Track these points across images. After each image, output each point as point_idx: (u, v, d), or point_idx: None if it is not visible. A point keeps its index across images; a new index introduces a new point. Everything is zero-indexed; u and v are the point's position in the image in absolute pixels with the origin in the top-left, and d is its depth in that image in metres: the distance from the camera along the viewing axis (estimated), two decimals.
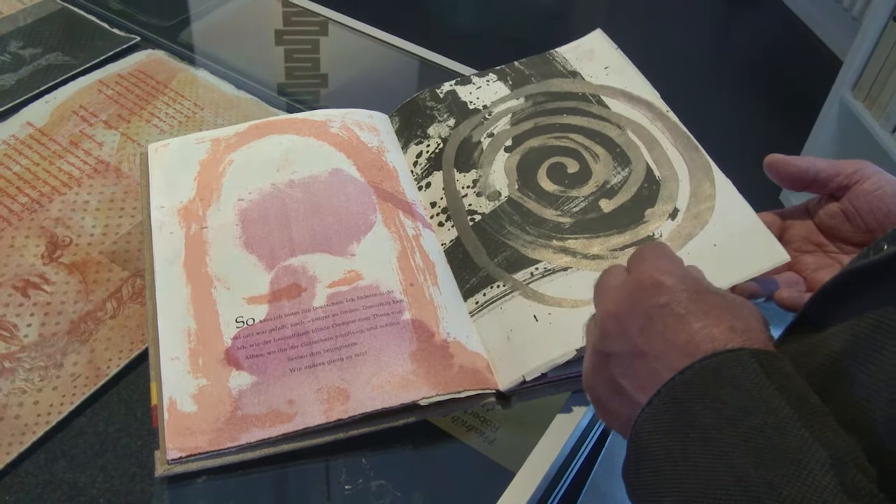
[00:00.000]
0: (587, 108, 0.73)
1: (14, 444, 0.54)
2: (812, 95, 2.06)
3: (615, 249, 0.61)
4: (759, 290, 0.57)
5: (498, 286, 0.60)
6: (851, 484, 0.32)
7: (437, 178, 0.69)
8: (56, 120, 0.80)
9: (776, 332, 0.45)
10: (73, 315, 0.62)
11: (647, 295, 0.42)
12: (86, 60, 0.88)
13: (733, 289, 0.57)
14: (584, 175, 0.67)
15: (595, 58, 0.78)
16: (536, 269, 0.61)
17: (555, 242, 0.62)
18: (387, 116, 0.77)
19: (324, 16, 1.01)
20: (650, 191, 0.65)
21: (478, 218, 0.65)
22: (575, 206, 0.64)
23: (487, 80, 0.77)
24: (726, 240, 0.60)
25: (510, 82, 0.77)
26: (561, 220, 0.64)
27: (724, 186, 0.64)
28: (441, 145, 0.71)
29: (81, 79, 0.85)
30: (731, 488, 0.34)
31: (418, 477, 0.56)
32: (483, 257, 0.62)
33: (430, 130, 0.73)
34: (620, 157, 0.68)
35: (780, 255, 0.58)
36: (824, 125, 1.89)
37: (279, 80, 0.94)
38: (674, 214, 0.63)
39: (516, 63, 0.79)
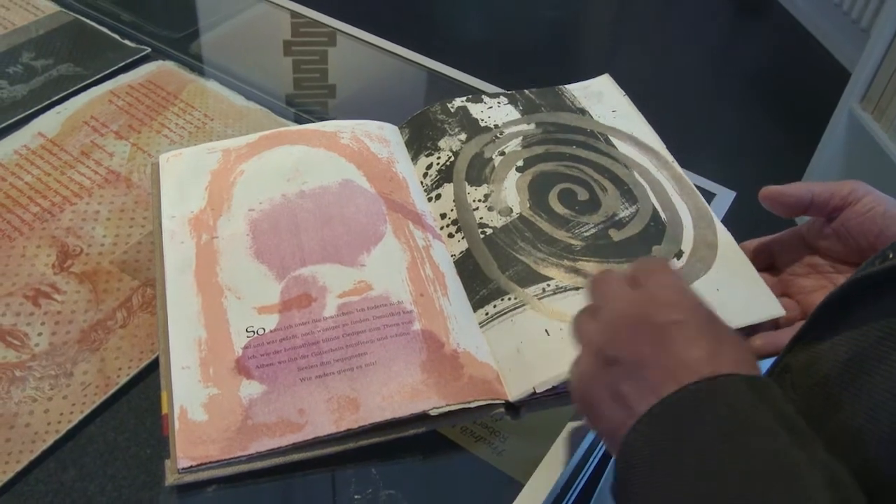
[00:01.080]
0: (595, 145, 0.73)
1: (24, 453, 0.55)
2: (820, 107, 2.06)
3: None
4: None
5: (509, 299, 0.60)
6: (844, 500, 0.33)
7: (447, 189, 0.69)
8: (67, 130, 0.80)
9: None
10: (83, 324, 0.63)
11: (665, 309, 0.42)
12: (97, 71, 0.88)
13: None
14: (594, 204, 0.67)
15: (603, 100, 0.79)
16: (549, 285, 0.61)
17: (566, 262, 0.62)
18: (396, 128, 0.77)
19: (332, 27, 1.02)
20: (656, 229, 0.66)
21: (489, 231, 0.65)
22: (586, 231, 0.65)
23: (498, 102, 0.78)
24: (727, 287, 0.61)
25: (521, 108, 0.77)
26: (572, 241, 0.64)
27: (725, 237, 0.65)
28: (452, 158, 0.72)
29: (93, 89, 0.86)
30: None
31: (427, 487, 0.56)
32: (494, 270, 0.63)
33: (441, 143, 0.73)
34: (628, 194, 0.68)
35: (776, 309, 0.59)
36: (832, 137, 1.89)
37: (287, 90, 0.95)
38: (679, 255, 0.64)
39: (526, 91, 0.80)
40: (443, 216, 0.68)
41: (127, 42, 0.93)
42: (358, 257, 0.63)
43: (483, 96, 0.79)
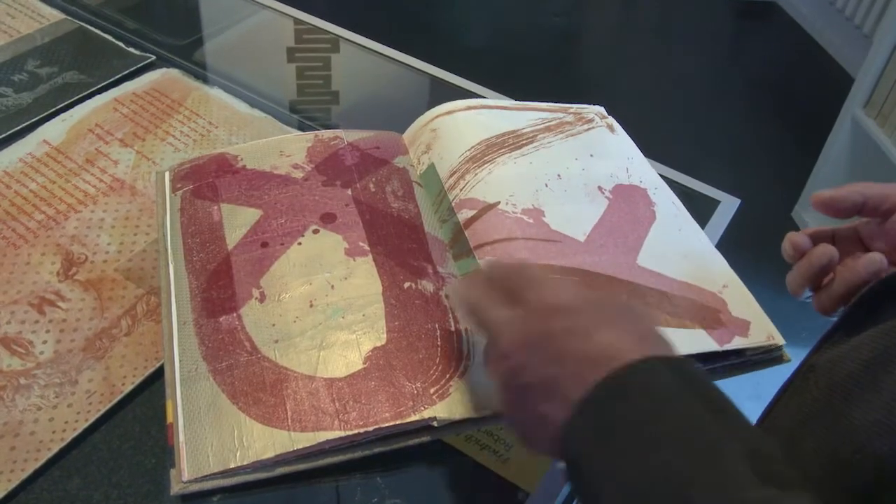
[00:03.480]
0: None
1: (29, 461, 0.55)
2: (823, 113, 2.06)
3: None
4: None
5: None
6: (765, 471, 0.34)
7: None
8: (72, 138, 0.80)
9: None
10: (88, 332, 0.63)
11: (547, 320, 0.43)
12: (102, 79, 0.89)
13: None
14: None
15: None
16: None
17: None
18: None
19: (335, 34, 1.02)
20: None
21: None
22: None
23: None
24: None
25: None
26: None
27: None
28: None
29: (97, 97, 0.86)
30: (659, 483, 0.35)
31: (433, 495, 0.55)
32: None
33: None
34: None
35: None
36: (836, 143, 1.89)
37: (291, 97, 0.95)
38: None
39: None
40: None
41: (131, 50, 0.94)
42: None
43: None
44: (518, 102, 0.77)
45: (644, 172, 0.69)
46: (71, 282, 0.66)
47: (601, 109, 0.77)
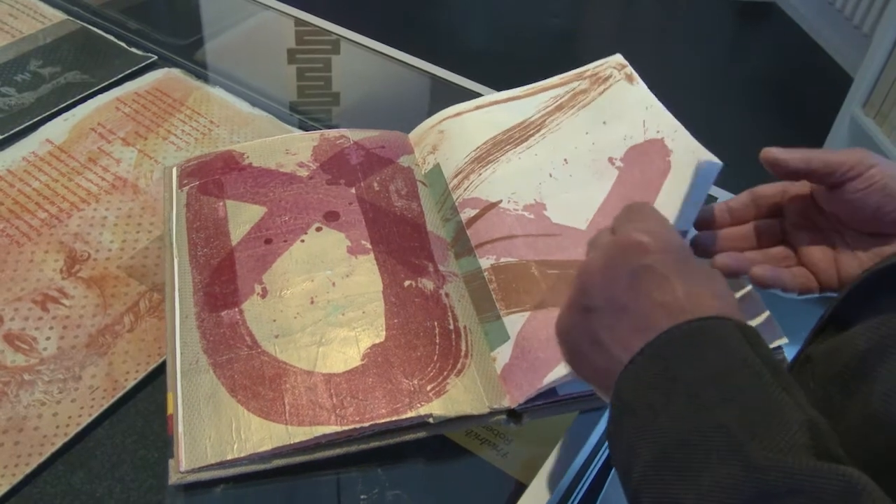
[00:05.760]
0: None
1: (33, 456, 0.55)
2: (822, 112, 2.06)
3: None
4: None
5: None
6: (822, 447, 0.33)
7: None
8: (75, 137, 0.81)
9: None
10: (91, 328, 0.63)
11: (632, 254, 0.43)
12: (104, 79, 0.89)
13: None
14: None
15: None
16: None
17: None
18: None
19: (336, 34, 1.03)
20: None
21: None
22: None
23: None
24: None
25: None
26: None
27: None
28: None
29: (100, 97, 0.87)
30: (712, 433, 0.35)
31: (432, 488, 0.56)
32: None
33: None
34: None
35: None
36: (835, 142, 1.89)
37: (292, 97, 0.96)
38: None
39: None
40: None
41: (133, 50, 0.94)
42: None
43: None
44: (529, 87, 0.76)
45: (661, 120, 0.66)
46: (74, 279, 0.67)
47: (619, 58, 0.74)
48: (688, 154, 0.64)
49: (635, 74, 0.71)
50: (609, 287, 0.42)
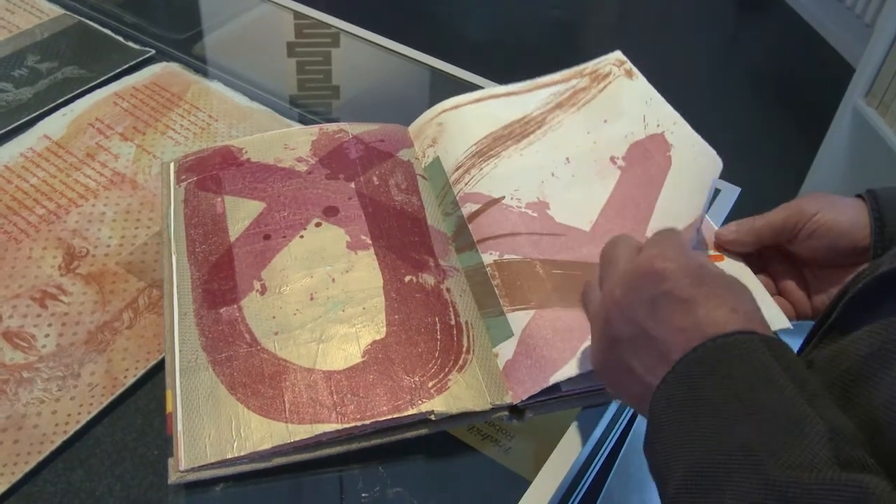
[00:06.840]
0: None
1: (33, 454, 0.55)
2: (824, 103, 2.05)
3: None
4: None
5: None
6: (845, 456, 0.34)
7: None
8: (73, 132, 0.81)
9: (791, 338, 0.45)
10: (90, 325, 0.63)
11: (649, 282, 0.43)
12: (102, 73, 0.89)
13: None
14: None
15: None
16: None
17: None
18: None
19: (336, 27, 1.02)
20: None
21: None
22: None
23: None
24: None
25: None
26: None
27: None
28: None
29: (97, 92, 0.86)
30: (735, 452, 0.36)
31: (434, 485, 0.56)
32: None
33: None
34: None
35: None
36: (837, 132, 1.88)
37: (291, 91, 0.95)
38: None
39: None
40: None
41: (131, 44, 0.94)
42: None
43: None
44: (528, 83, 0.76)
45: (662, 112, 0.67)
46: (72, 275, 0.66)
47: (618, 55, 0.75)
48: (687, 147, 0.64)
49: (635, 70, 0.71)
50: (631, 319, 0.44)
